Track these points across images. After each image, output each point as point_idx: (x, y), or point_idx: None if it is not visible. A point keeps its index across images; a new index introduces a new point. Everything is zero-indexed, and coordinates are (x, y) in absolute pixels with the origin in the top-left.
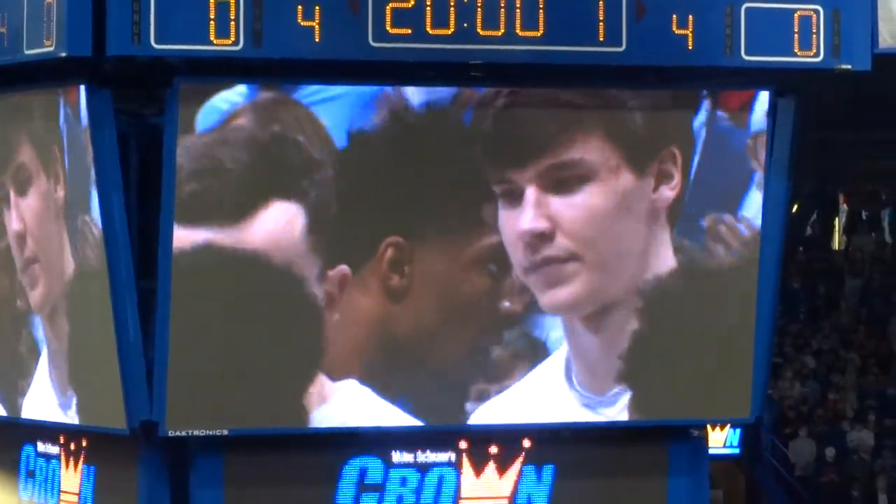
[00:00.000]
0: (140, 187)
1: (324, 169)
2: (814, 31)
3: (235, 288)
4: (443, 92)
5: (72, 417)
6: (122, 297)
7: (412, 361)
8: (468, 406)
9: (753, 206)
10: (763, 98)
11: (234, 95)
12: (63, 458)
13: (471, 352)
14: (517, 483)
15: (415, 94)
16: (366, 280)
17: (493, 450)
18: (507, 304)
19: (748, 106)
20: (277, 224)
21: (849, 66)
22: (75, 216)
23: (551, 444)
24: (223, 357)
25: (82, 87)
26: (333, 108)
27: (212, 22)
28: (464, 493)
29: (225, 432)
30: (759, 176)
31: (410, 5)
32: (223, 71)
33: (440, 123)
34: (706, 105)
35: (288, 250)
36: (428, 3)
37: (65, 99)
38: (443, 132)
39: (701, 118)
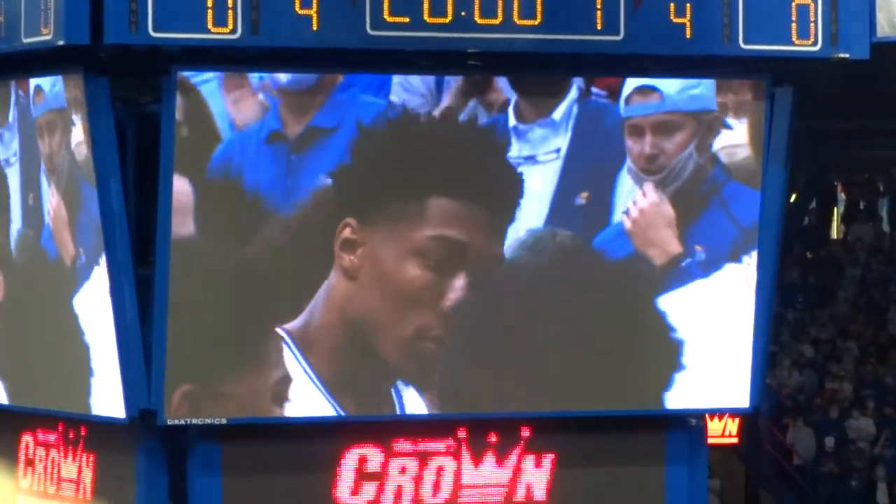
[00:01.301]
0: (137, 175)
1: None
2: (812, 19)
3: (233, 275)
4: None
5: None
6: (120, 285)
7: (354, 346)
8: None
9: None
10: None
11: None
12: (62, 446)
13: (410, 343)
14: (516, 471)
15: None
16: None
17: (493, 438)
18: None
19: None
20: None
21: (847, 55)
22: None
23: (550, 432)
24: (221, 345)
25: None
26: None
27: (209, 10)
28: (463, 482)
29: (223, 421)
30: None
31: None
32: (221, 59)
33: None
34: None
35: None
36: None
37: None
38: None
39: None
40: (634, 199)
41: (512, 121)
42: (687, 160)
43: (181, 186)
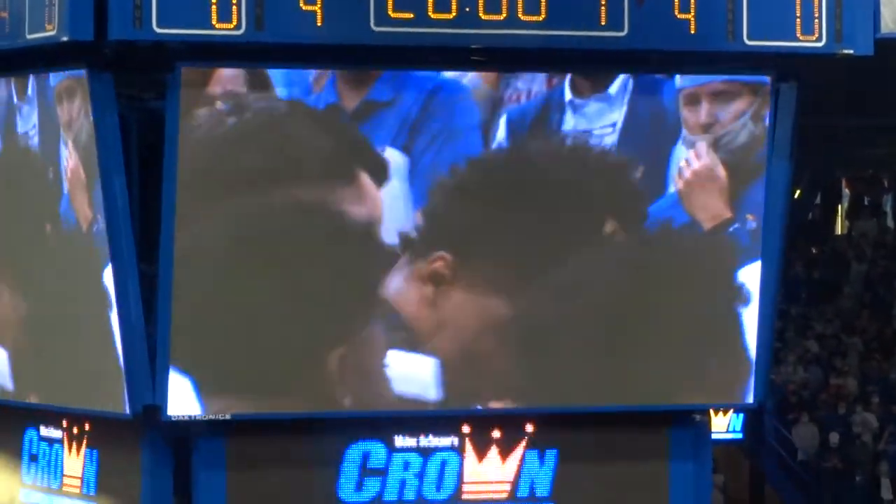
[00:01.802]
0: (141, 171)
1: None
2: (816, 15)
3: (238, 270)
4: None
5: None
6: (124, 281)
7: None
8: None
9: None
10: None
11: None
12: (66, 441)
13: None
14: (520, 467)
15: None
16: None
17: (496, 434)
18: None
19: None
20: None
21: (851, 51)
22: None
23: (554, 428)
24: (226, 341)
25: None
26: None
27: (213, 6)
28: (466, 478)
29: (228, 416)
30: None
31: None
32: (225, 55)
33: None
34: None
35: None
36: None
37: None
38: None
39: None
40: (687, 159)
41: (568, 95)
42: (742, 129)
43: None
